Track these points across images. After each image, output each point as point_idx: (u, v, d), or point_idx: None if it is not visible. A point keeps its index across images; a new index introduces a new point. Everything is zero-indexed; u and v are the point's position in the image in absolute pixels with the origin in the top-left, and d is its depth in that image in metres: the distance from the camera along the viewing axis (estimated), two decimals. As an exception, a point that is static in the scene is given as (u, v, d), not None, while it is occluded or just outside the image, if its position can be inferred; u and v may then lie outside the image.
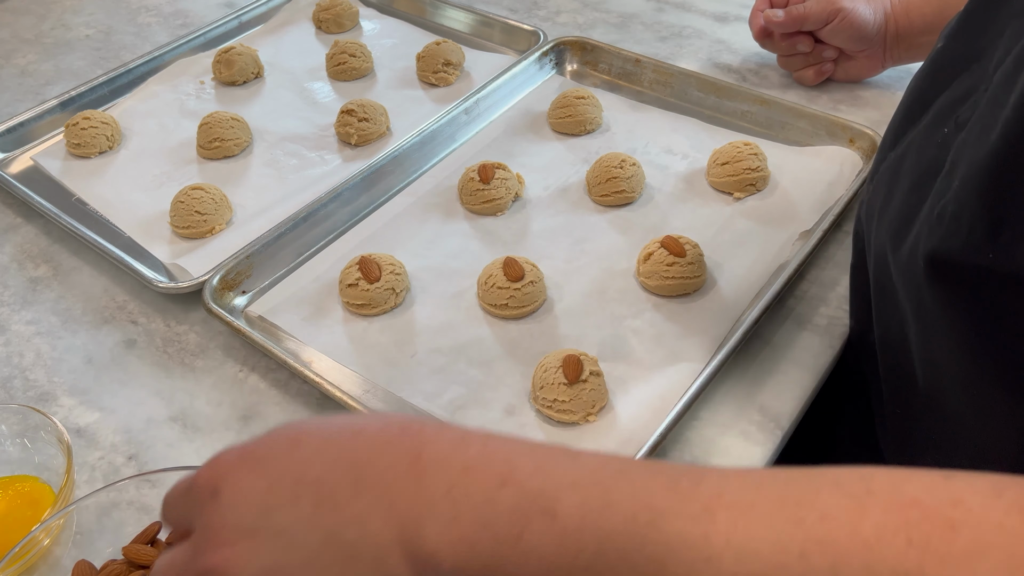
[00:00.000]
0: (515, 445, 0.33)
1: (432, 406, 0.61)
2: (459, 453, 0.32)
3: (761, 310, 0.63)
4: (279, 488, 0.32)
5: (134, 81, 0.96)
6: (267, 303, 0.70)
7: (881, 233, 0.51)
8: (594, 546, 0.29)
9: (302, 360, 0.64)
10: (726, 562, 0.28)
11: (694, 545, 0.28)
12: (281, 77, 0.97)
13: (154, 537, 0.52)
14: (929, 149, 0.46)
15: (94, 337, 0.69)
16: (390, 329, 0.67)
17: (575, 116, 0.85)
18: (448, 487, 0.31)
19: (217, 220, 0.76)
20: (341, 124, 0.85)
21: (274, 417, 0.62)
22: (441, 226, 0.76)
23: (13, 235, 0.79)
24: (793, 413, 0.60)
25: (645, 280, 0.68)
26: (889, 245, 0.49)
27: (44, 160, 0.86)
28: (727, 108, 0.87)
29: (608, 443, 0.57)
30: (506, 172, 0.77)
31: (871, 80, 0.92)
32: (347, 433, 0.33)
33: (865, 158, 0.79)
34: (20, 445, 0.57)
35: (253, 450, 0.34)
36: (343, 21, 1.05)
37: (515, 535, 0.30)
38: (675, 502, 0.29)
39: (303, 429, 0.34)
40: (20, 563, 0.49)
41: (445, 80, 0.93)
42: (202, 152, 0.85)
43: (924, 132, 0.48)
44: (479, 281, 0.68)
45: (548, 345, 0.64)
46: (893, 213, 0.49)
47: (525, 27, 0.99)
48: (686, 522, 0.28)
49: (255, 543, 0.32)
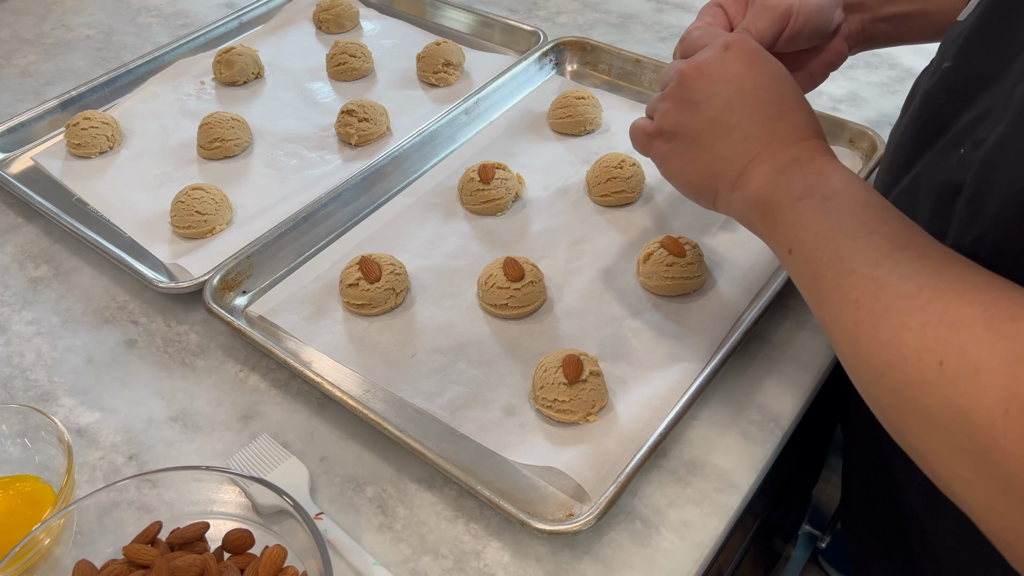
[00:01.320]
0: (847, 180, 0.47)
1: (432, 406, 0.61)
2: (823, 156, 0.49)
3: (761, 310, 0.63)
4: (745, 80, 0.51)
5: (135, 81, 0.96)
6: (267, 303, 0.70)
7: None
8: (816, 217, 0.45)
9: (302, 360, 0.65)
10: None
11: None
12: (281, 77, 0.97)
13: (154, 537, 0.52)
14: (945, 170, 0.46)
15: (95, 337, 0.69)
16: (390, 329, 0.67)
17: (575, 116, 0.85)
18: (792, 160, 0.48)
19: (217, 220, 0.76)
20: (341, 124, 0.85)
21: (274, 417, 0.62)
22: (441, 226, 0.76)
23: (14, 235, 0.79)
24: (793, 413, 0.60)
25: (645, 280, 0.68)
26: None
27: (45, 160, 0.86)
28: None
29: (608, 443, 0.57)
30: (506, 172, 0.77)
31: (871, 80, 0.92)
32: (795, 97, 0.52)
33: (865, 158, 0.79)
34: (21, 445, 0.57)
35: (758, 52, 0.52)
36: (343, 21, 1.05)
37: (795, 198, 0.46)
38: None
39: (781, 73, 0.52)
40: (20, 563, 0.49)
41: (445, 80, 0.93)
42: (202, 152, 0.85)
43: (940, 153, 0.48)
44: (479, 281, 0.68)
45: (548, 345, 0.64)
46: None
47: (525, 27, 0.99)
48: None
49: (707, 83, 0.52)
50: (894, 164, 0.54)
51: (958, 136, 0.46)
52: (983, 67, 0.46)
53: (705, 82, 0.52)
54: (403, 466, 0.58)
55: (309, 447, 0.60)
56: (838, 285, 0.42)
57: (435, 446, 0.58)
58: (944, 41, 0.53)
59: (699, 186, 0.54)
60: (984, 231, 0.41)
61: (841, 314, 0.41)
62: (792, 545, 1.14)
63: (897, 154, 0.54)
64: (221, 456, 0.59)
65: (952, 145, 0.46)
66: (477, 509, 0.56)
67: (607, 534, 0.54)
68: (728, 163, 0.51)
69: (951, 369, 0.35)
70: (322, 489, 0.57)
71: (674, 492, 0.56)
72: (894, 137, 0.56)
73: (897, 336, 0.37)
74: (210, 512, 0.54)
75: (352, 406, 0.59)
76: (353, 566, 0.53)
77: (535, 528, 0.51)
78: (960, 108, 0.47)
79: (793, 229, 0.46)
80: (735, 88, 0.51)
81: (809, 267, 0.44)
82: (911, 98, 0.57)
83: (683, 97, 0.52)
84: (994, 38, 0.45)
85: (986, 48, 0.46)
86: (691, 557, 0.52)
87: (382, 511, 0.56)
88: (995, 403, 0.33)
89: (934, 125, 0.49)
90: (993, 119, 0.42)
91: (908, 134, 0.52)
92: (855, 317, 0.40)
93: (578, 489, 0.55)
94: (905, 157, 0.52)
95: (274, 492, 0.50)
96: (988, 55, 0.46)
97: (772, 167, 0.49)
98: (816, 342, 0.65)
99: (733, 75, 0.51)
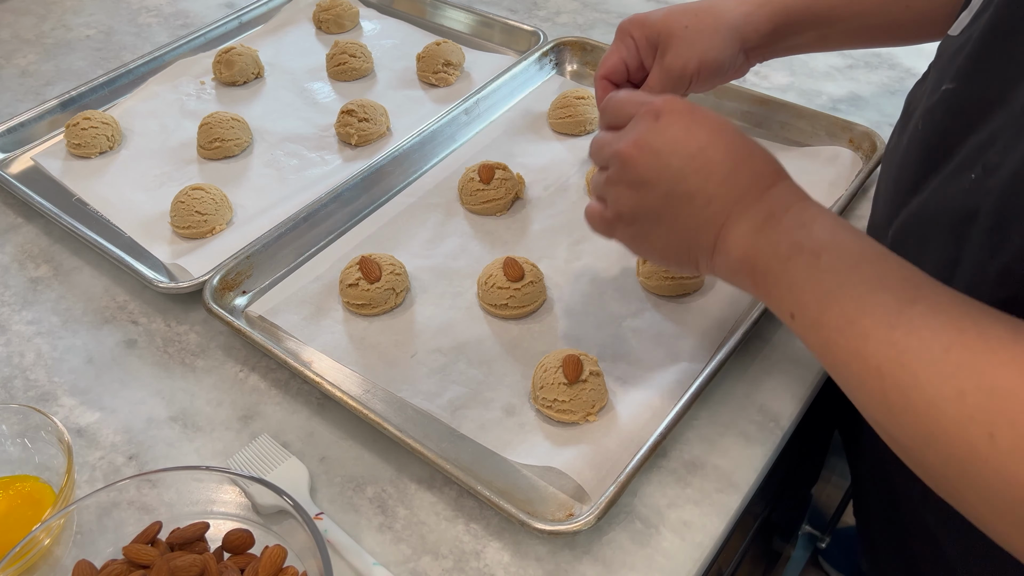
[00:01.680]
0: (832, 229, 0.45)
1: (432, 406, 0.61)
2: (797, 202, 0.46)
3: (761, 310, 0.63)
4: (691, 141, 0.48)
5: (134, 81, 0.96)
6: (267, 303, 0.70)
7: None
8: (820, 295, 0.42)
9: (302, 360, 0.65)
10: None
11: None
12: (281, 77, 0.97)
13: (154, 537, 0.52)
14: (956, 196, 0.45)
15: (94, 337, 0.69)
16: (390, 329, 0.67)
17: (575, 116, 0.85)
18: (767, 216, 0.46)
19: (217, 220, 0.76)
20: (341, 124, 0.85)
21: (274, 417, 0.62)
22: (441, 226, 0.76)
23: (14, 235, 0.79)
24: (793, 413, 0.60)
25: (645, 280, 0.68)
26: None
27: (44, 160, 0.86)
28: (727, 108, 0.87)
29: (608, 443, 0.57)
30: (506, 172, 0.77)
31: (871, 80, 0.92)
32: (751, 144, 0.49)
33: (865, 158, 0.79)
34: (21, 445, 0.57)
35: (696, 109, 0.49)
36: (343, 21, 1.05)
37: (785, 257, 0.44)
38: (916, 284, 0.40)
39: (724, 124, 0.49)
40: (21, 563, 0.49)
41: (445, 80, 0.93)
42: (202, 152, 0.85)
43: (949, 177, 0.47)
44: (479, 281, 0.68)
45: (548, 345, 0.64)
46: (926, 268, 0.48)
47: (525, 27, 0.99)
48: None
49: (652, 159, 0.49)
50: (899, 188, 0.52)
51: (966, 160, 0.45)
52: (988, 89, 0.45)
53: (649, 158, 0.49)
54: (403, 466, 0.58)
55: (309, 447, 0.60)
56: (855, 352, 0.40)
57: (435, 446, 0.58)
58: (939, 58, 0.53)
59: (677, 260, 0.51)
60: (1011, 262, 0.40)
61: (865, 382, 0.39)
62: (792, 545, 1.14)
63: (901, 177, 0.52)
64: (221, 456, 0.59)
65: (961, 169, 0.45)
66: (477, 509, 0.56)
67: (607, 534, 0.54)
68: (700, 232, 0.48)
69: (1004, 442, 0.33)
70: (322, 489, 0.57)
71: (674, 492, 0.56)
72: (894, 158, 0.55)
73: (934, 407, 0.36)
74: (210, 512, 0.54)
75: (352, 406, 0.59)
76: (353, 566, 0.53)
77: (535, 528, 0.51)
78: (966, 131, 0.46)
79: (790, 293, 0.44)
80: (681, 155, 0.48)
81: (818, 333, 0.42)
82: (906, 116, 0.56)
83: (632, 179, 0.50)
84: (998, 59, 0.45)
85: (990, 70, 0.45)
86: (691, 557, 0.52)
87: (382, 511, 0.56)
88: None
89: (939, 148, 0.48)
90: (1005, 144, 0.42)
91: (912, 157, 0.51)
92: (881, 387, 0.38)
93: (578, 489, 0.55)
94: (910, 180, 0.51)
95: (274, 492, 0.50)
96: (992, 77, 0.45)
97: (748, 227, 0.46)
98: (816, 342, 0.64)
99: (674, 142, 0.48)
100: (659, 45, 0.66)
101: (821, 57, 0.96)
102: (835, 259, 0.43)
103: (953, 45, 0.51)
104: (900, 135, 0.55)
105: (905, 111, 0.57)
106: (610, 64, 0.68)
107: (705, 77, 0.66)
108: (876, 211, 0.59)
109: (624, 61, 0.67)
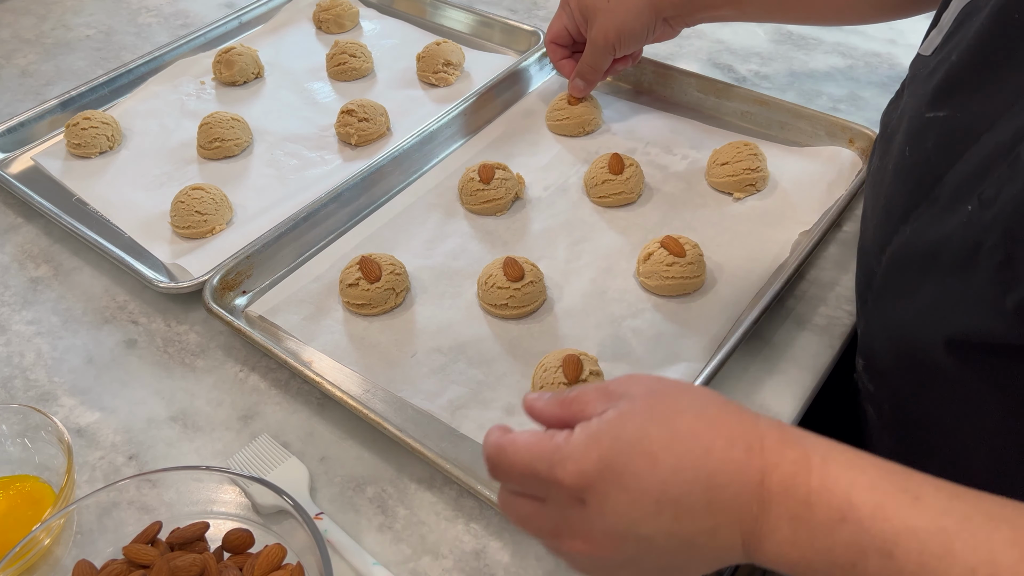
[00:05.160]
0: (854, 475, 0.36)
1: (432, 406, 0.61)
2: (801, 480, 0.36)
3: (761, 310, 0.63)
4: (642, 503, 0.37)
5: (134, 81, 0.96)
6: (267, 303, 0.70)
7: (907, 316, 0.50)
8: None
9: (302, 360, 0.65)
10: None
11: None
12: (281, 77, 0.97)
13: (154, 537, 0.52)
14: (956, 228, 0.45)
15: (95, 337, 0.69)
16: (390, 329, 0.67)
17: (574, 117, 0.85)
18: (790, 516, 0.36)
19: (217, 220, 0.76)
20: (341, 124, 0.85)
21: (274, 417, 0.62)
22: (441, 226, 0.76)
23: (14, 235, 0.79)
24: (793, 413, 0.60)
25: (645, 280, 0.68)
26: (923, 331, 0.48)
27: (44, 160, 0.86)
28: (727, 108, 0.87)
29: (608, 443, 0.57)
30: (506, 172, 0.77)
31: (871, 80, 0.92)
32: (698, 451, 0.37)
33: (865, 158, 0.79)
34: (21, 445, 0.57)
35: (611, 461, 0.37)
36: (343, 21, 1.05)
37: (850, 564, 0.35)
38: (1017, 560, 0.32)
39: (655, 440, 0.38)
40: (21, 563, 0.49)
41: (445, 80, 0.93)
42: (202, 152, 0.85)
43: (944, 209, 0.46)
44: (479, 281, 0.68)
45: (548, 345, 0.64)
46: (927, 299, 0.47)
47: (525, 27, 0.99)
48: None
49: (620, 544, 0.38)
50: (889, 215, 0.52)
51: (959, 192, 0.45)
52: (974, 118, 0.44)
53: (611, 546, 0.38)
54: (403, 466, 0.58)
55: (309, 447, 0.60)
56: None
57: (435, 446, 0.58)
58: (913, 78, 0.53)
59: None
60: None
61: None
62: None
63: (891, 205, 0.52)
64: (221, 456, 0.59)
65: (955, 201, 0.45)
66: (477, 509, 0.56)
67: (607, 534, 0.54)
68: (720, 557, 0.39)
69: None
70: (322, 489, 0.57)
71: (674, 492, 0.56)
72: (880, 182, 0.55)
73: None
74: (210, 512, 0.54)
75: (352, 406, 0.59)
76: (353, 566, 0.53)
77: (535, 528, 0.51)
78: (952, 160, 0.46)
79: None
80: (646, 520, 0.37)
81: None
82: (885, 137, 0.55)
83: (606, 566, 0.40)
84: (980, 86, 0.44)
85: (973, 98, 0.45)
86: (691, 557, 0.52)
87: (382, 511, 0.56)
88: None
89: (928, 176, 0.47)
90: (999, 176, 0.42)
91: (900, 185, 0.51)
92: None
93: (578, 489, 0.55)
94: (901, 208, 0.50)
95: (274, 492, 0.50)
96: (976, 105, 0.45)
97: (780, 538, 0.37)
98: (816, 342, 0.65)
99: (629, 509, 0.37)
100: (588, 18, 0.77)
101: (821, 57, 0.96)
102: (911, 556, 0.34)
103: (927, 66, 0.51)
104: (883, 158, 0.55)
105: (883, 132, 0.56)
106: (555, 30, 0.82)
107: (626, 44, 0.77)
108: (866, 235, 0.58)
109: (566, 28, 0.80)
